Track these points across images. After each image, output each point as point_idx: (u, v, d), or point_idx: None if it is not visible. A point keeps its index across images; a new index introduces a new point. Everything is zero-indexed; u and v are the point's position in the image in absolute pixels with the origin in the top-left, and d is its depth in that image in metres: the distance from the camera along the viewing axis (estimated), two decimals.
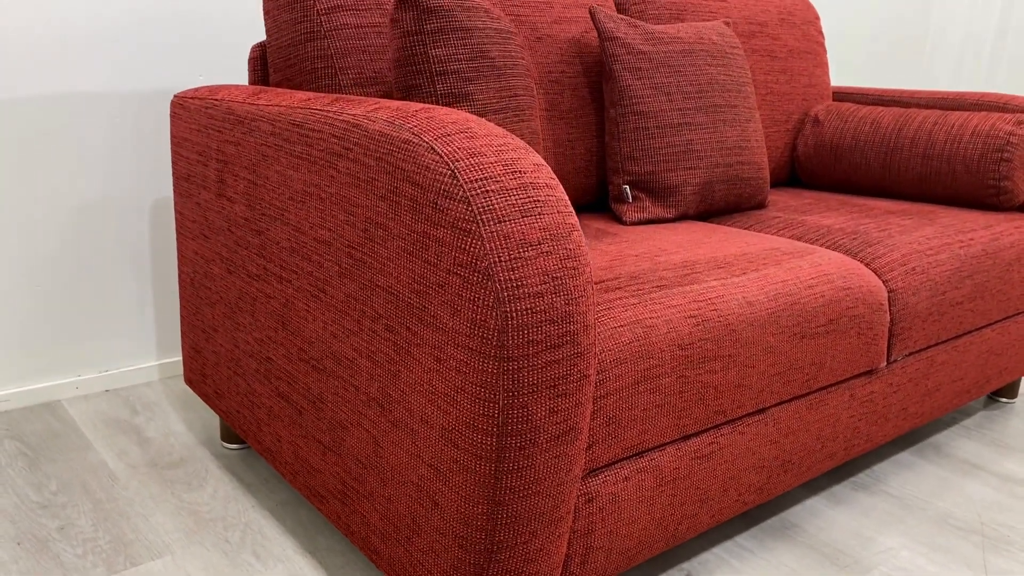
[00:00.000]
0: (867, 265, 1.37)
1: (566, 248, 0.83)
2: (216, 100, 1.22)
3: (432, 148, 0.84)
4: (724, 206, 1.59)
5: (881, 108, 1.86)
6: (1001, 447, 1.69)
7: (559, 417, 0.84)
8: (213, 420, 1.61)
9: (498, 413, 0.81)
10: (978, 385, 1.62)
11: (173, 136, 1.34)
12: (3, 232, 1.53)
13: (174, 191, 1.38)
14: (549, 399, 0.83)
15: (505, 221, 0.80)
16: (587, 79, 1.55)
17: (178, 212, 1.37)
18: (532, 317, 0.80)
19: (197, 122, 1.26)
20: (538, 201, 0.82)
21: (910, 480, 1.54)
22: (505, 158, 0.84)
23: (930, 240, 1.46)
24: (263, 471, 1.43)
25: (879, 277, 1.35)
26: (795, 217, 1.56)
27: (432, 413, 0.88)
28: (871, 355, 1.30)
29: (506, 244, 0.80)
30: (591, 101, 1.55)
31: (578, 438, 0.88)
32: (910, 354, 1.41)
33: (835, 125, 1.88)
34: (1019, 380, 1.90)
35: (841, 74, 2.99)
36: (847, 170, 1.86)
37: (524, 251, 0.80)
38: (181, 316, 1.44)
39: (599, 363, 0.95)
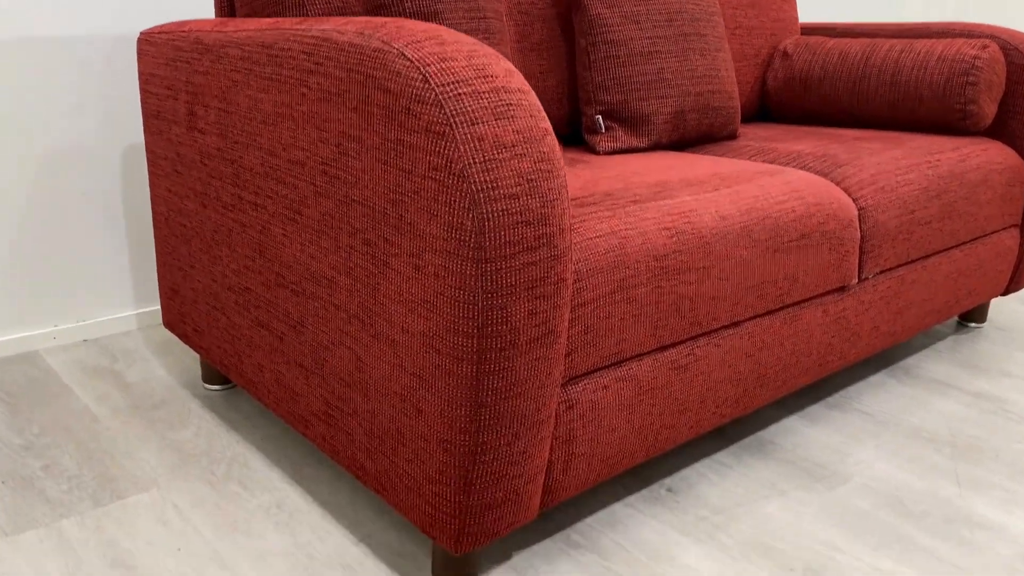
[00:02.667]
0: (838, 184, 1.39)
1: (540, 151, 0.84)
2: (183, 32, 1.21)
3: (403, 54, 0.84)
4: (696, 136, 1.60)
5: (849, 40, 1.87)
6: (971, 368, 1.73)
7: (538, 319, 0.86)
8: (194, 364, 1.61)
9: (478, 315, 0.82)
10: (948, 306, 1.65)
11: (141, 73, 1.33)
12: None
13: (144, 130, 1.36)
14: (527, 300, 0.84)
15: (478, 123, 0.81)
16: (557, 10, 1.55)
17: (149, 151, 1.36)
18: (508, 218, 0.81)
19: (164, 56, 1.25)
20: (511, 105, 0.83)
21: (882, 398, 1.58)
22: (476, 63, 0.84)
23: (899, 161, 1.49)
24: (246, 409, 1.44)
25: (849, 195, 1.37)
26: (766, 145, 1.57)
27: (412, 321, 0.89)
28: (843, 271, 1.32)
29: (480, 146, 0.80)
30: (561, 32, 1.55)
31: (557, 341, 0.89)
32: (880, 272, 1.44)
33: (804, 58, 1.90)
34: (988, 305, 1.94)
35: (809, 8, 3.00)
36: (817, 101, 1.87)
37: (498, 152, 0.81)
38: (157, 257, 1.43)
39: (575, 273, 0.96)
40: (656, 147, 1.55)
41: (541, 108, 0.86)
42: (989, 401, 1.59)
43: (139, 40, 1.33)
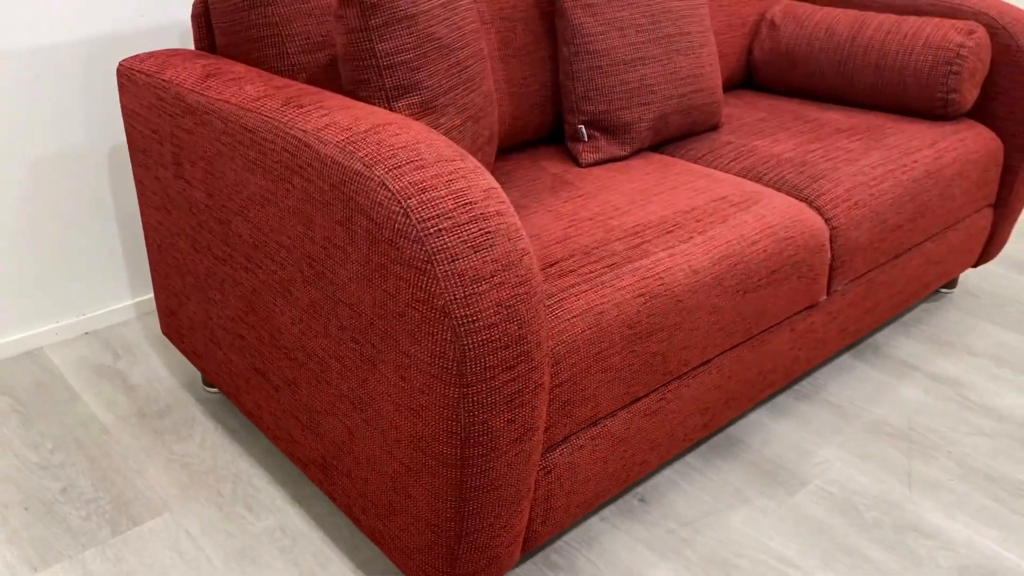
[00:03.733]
0: (812, 203, 1.42)
1: (517, 276, 0.88)
2: (165, 81, 1.21)
3: (384, 184, 0.87)
4: (678, 134, 1.61)
5: (837, 11, 1.84)
6: (937, 343, 1.81)
7: (517, 424, 0.93)
8: None
9: (460, 430, 0.89)
10: (916, 293, 1.72)
11: (124, 107, 1.33)
12: None
13: (131, 160, 1.38)
14: (507, 411, 0.91)
15: (458, 259, 0.85)
16: (539, 11, 1.52)
17: (137, 180, 1.38)
18: (488, 347, 0.86)
19: (146, 99, 1.25)
20: (489, 233, 0.87)
21: (849, 385, 1.67)
22: (456, 189, 0.87)
23: (875, 168, 1.51)
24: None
25: (823, 215, 1.41)
26: (748, 143, 1.59)
27: (401, 422, 0.95)
28: (812, 293, 1.38)
29: (460, 282, 0.85)
30: (544, 35, 1.53)
31: (536, 434, 0.96)
32: (850, 282, 1.50)
33: (791, 30, 1.87)
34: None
35: None
36: (802, 77, 1.87)
37: (477, 286, 0.85)
38: (152, 276, 1.47)
39: (553, 356, 1.02)
40: (638, 151, 1.56)
41: (519, 226, 0.90)
42: (950, 386, 1.68)
43: (119, 72, 1.32)
